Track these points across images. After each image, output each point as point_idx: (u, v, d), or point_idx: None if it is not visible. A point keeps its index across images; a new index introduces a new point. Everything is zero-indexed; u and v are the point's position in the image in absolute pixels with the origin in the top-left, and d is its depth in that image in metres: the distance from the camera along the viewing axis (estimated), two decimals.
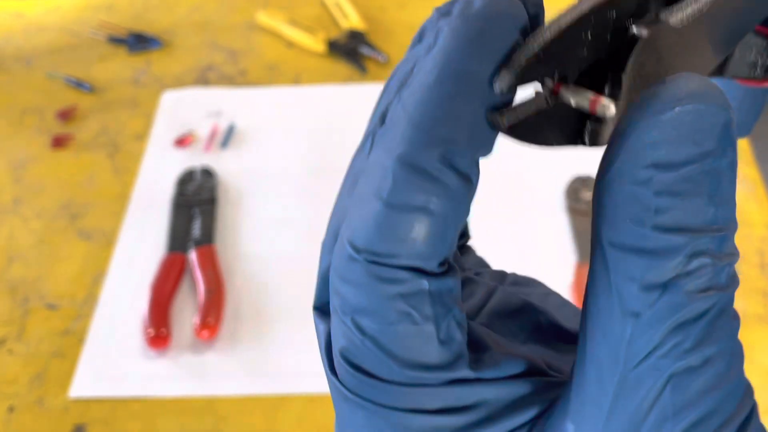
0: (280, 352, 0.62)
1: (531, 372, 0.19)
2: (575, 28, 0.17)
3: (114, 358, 0.62)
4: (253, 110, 0.84)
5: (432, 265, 0.18)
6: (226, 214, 0.73)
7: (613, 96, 0.18)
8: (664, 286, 0.16)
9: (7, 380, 0.62)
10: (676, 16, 0.19)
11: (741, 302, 0.64)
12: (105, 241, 0.71)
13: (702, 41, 0.20)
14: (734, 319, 0.18)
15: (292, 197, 0.74)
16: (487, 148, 0.18)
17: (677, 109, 0.16)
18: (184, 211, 0.72)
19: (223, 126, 0.82)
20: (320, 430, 0.58)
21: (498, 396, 0.19)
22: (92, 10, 0.99)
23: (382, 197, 0.18)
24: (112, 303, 0.66)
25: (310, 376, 0.61)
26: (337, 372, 0.19)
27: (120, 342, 0.63)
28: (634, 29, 0.18)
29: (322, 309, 0.21)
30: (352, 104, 0.84)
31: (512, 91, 0.18)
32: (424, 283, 0.18)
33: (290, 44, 0.92)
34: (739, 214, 0.70)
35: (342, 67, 0.89)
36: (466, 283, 0.22)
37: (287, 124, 0.82)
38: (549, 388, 0.19)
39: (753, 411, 0.18)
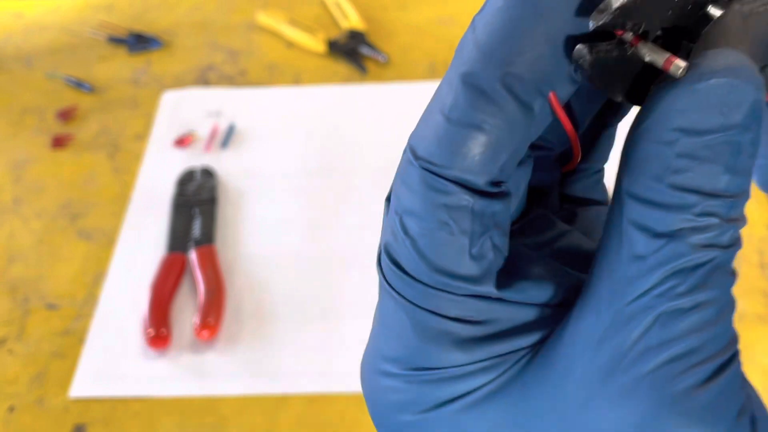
0: (281, 352, 0.62)
1: (556, 303, 0.21)
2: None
3: (114, 358, 0.62)
4: (253, 110, 0.84)
5: (480, 183, 0.19)
6: (226, 214, 0.73)
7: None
8: (671, 236, 0.18)
9: (8, 380, 0.62)
10: (747, 5, 0.19)
11: (741, 302, 0.64)
12: (105, 241, 0.71)
13: (759, 37, 0.20)
14: (730, 275, 0.19)
15: (292, 197, 0.74)
16: (553, 82, 0.19)
17: (712, 81, 0.17)
18: (185, 211, 0.72)
19: (223, 126, 0.82)
20: (321, 429, 0.58)
21: (511, 317, 0.20)
22: (92, 10, 0.99)
23: (444, 111, 0.19)
24: (113, 303, 0.66)
25: (310, 376, 0.61)
26: (381, 261, 0.21)
27: (120, 342, 0.63)
28: (711, 8, 0.19)
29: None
30: (352, 104, 0.84)
31: (603, 29, 0.18)
32: (468, 199, 0.19)
33: (290, 44, 0.92)
34: None
35: (342, 67, 0.89)
36: (542, 219, 0.24)
37: (287, 124, 0.82)
38: (562, 319, 0.20)
39: (734, 356, 0.19)
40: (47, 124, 0.84)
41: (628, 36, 0.19)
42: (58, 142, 0.81)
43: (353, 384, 0.60)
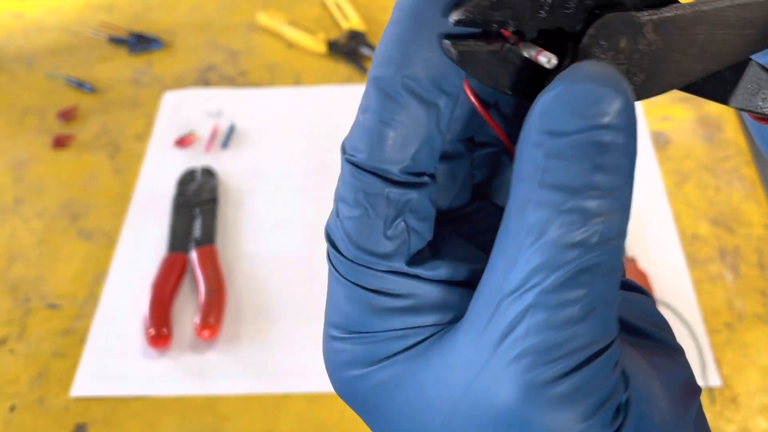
0: (281, 352, 0.62)
1: (469, 283, 0.23)
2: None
3: (115, 357, 0.63)
4: (253, 110, 0.84)
5: (394, 172, 0.22)
6: (226, 214, 0.73)
7: (569, 64, 0.21)
8: (539, 235, 0.20)
9: (9, 380, 0.62)
10: (646, 16, 0.21)
11: (740, 302, 0.64)
12: (106, 241, 0.72)
13: (682, 48, 0.22)
14: (607, 276, 0.20)
15: (292, 197, 0.75)
16: (448, 79, 0.22)
17: (575, 86, 0.19)
18: (185, 211, 0.72)
19: (223, 126, 0.82)
20: (320, 429, 0.58)
21: (426, 294, 0.23)
22: (93, 11, 0.99)
23: (362, 112, 0.23)
24: (113, 303, 0.66)
25: (310, 376, 0.61)
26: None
27: (121, 342, 0.63)
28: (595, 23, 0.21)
29: None
30: (352, 104, 0.84)
31: (463, 25, 0.20)
32: (382, 187, 0.22)
33: (291, 45, 0.93)
34: (739, 214, 0.71)
35: (342, 67, 0.89)
36: (482, 210, 0.26)
37: (288, 125, 0.82)
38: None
39: (602, 352, 0.20)
40: (48, 125, 0.84)
41: (502, 32, 0.21)
42: (59, 143, 0.81)
43: None
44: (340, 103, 0.85)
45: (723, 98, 0.24)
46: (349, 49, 0.90)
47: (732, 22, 0.22)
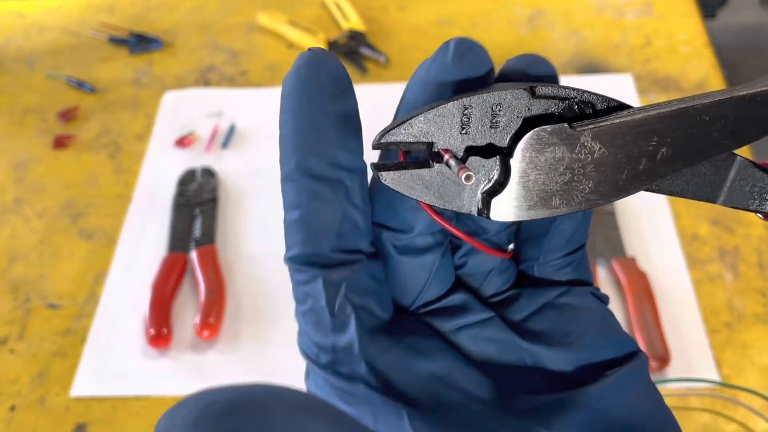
0: (281, 352, 0.62)
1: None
2: (435, 112, 0.22)
3: (115, 357, 0.63)
4: (253, 111, 0.84)
5: (325, 254, 0.23)
6: (226, 214, 0.73)
7: (501, 176, 0.22)
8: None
9: (9, 379, 0.62)
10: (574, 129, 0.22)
11: (740, 302, 0.64)
12: (106, 240, 0.72)
13: (631, 153, 0.22)
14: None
15: None
16: (343, 156, 0.23)
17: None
18: (185, 211, 0.72)
19: (224, 126, 0.82)
20: None
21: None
22: (93, 11, 0.99)
23: (284, 212, 0.25)
24: (114, 303, 0.66)
25: None
26: None
27: (121, 341, 0.64)
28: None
29: None
30: None
31: (382, 148, 0.23)
32: (317, 274, 0.23)
33: (291, 45, 0.93)
34: (738, 214, 0.71)
35: None
36: (457, 306, 0.26)
37: None
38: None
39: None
40: (48, 125, 0.84)
41: (423, 151, 0.22)
42: (60, 143, 0.81)
43: None
44: None
45: (711, 197, 0.24)
46: (349, 49, 0.90)
47: (693, 122, 0.22)
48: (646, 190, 0.23)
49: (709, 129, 0.22)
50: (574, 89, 0.22)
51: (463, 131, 0.22)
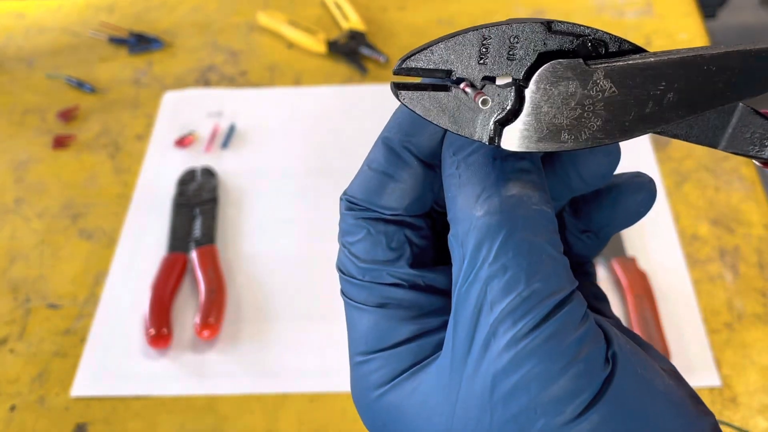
0: (281, 352, 0.62)
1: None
2: (456, 41, 0.22)
3: (115, 357, 0.63)
4: (253, 111, 0.84)
5: (386, 215, 0.26)
6: (226, 214, 0.73)
7: (514, 106, 0.23)
8: (465, 221, 0.24)
9: (9, 379, 0.62)
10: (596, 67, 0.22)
11: (740, 302, 0.64)
12: (106, 240, 0.72)
13: (640, 95, 0.23)
14: (525, 241, 0.23)
15: (292, 197, 0.75)
16: (425, 139, 0.26)
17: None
18: (185, 211, 0.72)
19: (223, 126, 0.82)
20: (320, 428, 0.58)
21: (430, 301, 0.26)
22: (93, 11, 0.99)
23: (366, 163, 0.27)
24: (114, 303, 0.66)
25: (310, 376, 0.61)
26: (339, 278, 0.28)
27: (121, 341, 0.64)
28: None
29: None
30: (352, 104, 0.84)
31: (404, 74, 0.23)
32: (378, 214, 0.26)
33: (291, 45, 0.93)
34: (738, 214, 0.71)
35: (342, 67, 0.89)
36: None
37: (288, 125, 0.82)
38: None
39: (567, 300, 0.23)
40: (48, 125, 0.84)
41: (447, 78, 0.23)
42: (60, 143, 0.81)
43: None
44: (339, 103, 0.85)
45: (712, 142, 0.24)
46: (349, 49, 0.90)
47: (700, 71, 0.22)
48: (651, 132, 0.24)
49: (715, 79, 0.22)
50: (588, 27, 0.22)
51: (481, 61, 0.22)
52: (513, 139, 0.23)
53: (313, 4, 0.98)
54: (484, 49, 0.22)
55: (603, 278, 0.65)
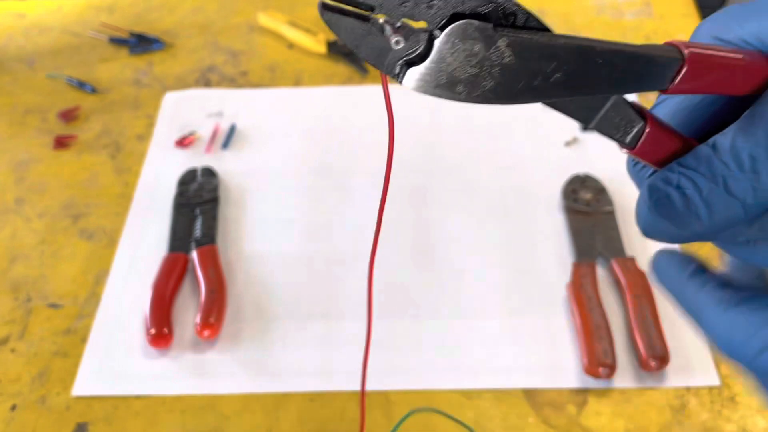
0: (281, 351, 0.63)
1: None
2: None
3: (116, 357, 0.63)
4: (254, 111, 0.84)
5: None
6: (227, 214, 0.74)
7: (423, 51, 0.25)
8: None
9: (10, 379, 0.62)
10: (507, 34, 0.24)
11: None
12: (107, 240, 0.72)
13: (533, 69, 0.25)
14: None
15: (293, 197, 0.75)
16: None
17: None
18: (186, 211, 0.73)
19: (224, 127, 0.82)
20: (321, 427, 0.58)
21: None
22: (94, 11, 0.99)
23: None
24: (114, 302, 0.67)
25: (310, 375, 0.61)
26: None
27: (122, 341, 0.64)
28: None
29: None
30: (352, 105, 0.84)
31: (329, 7, 0.25)
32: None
33: (291, 45, 0.93)
34: None
35: (342, 68, 0.89)
36: None
37: (288, 125, 0.83)
38: None
39: None
40: (49, 125, 0.84)
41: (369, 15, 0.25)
42: (60, 143, 0.82)
43: (353, 382, 0.60)
44: (340, 104, 0.85)
45: (585, 120, 0.27)
46: (349, 50, 0.90)
47: (588, 60, 0.25)
48: (535, 102, 0.26)
49: (599, 71, 0.25)
50: (507, 2, 0.25)
51: (403, 4, 0.24)
52: (413, 80, 0.25)
53: (313, 4, 0.98)
54: None
55: (602, 278, 0.66)
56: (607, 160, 0.74)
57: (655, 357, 0.58)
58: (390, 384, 0.60)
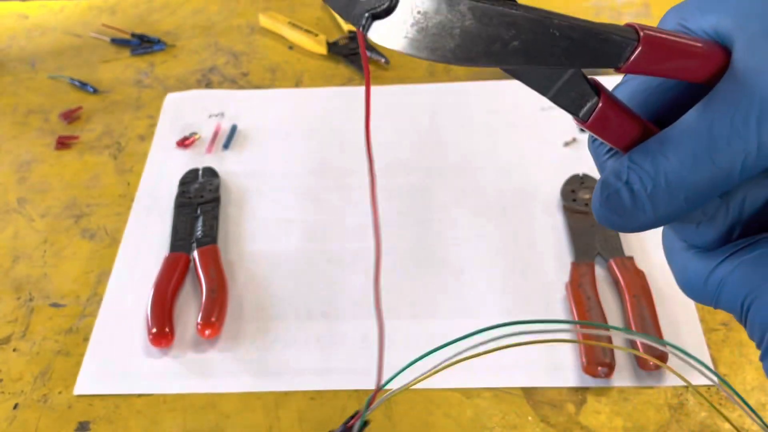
0: (282, 350, 0.63)
1: None
2: None
3: (118, 356, 0.63)
4: (255, 112, 0.85)
5: None
6: (228, 214, 0.74)
7: (390, 6, 0.25)
8: None
9: (12, 378, 0.63)
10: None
11: None
12: (109, 240, 0.72)
13: (491, 37, 0.25)
14: None
15: (293, 197, 0.75)
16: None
17: None
18: (187, 211, 0.73)
19: (225, 127, 0.83)
20: (321, 426, 0.59)
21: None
22: (95, 12, 1.00)
23: None
24: (116, 302, 0.67)
25: (311, 374, 0.61)
26: None
27: (124, 340, 0.64)
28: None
29: None
30: (353, 106, 0.85)
31: None
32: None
33: (292, 46, 0.93)
34: None
35: (343, 69, 0.90)
36: None
37: (289, 126, 0.83)
38: None
39: None
40: (51, 125, 0.85)
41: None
42: (62, 143, 0.82)
43: (353, 380, 0.60)
44: (340, 105, 0.85)
45: (543, 90, 0.28)
46: (349, 51, 0.90)
47: (546, 32, 0.25)
48: (493, 66, 0.27)
49: (555, 43, 0.25)
50: None
51: None
52: (378, 34, 0.26)
53: (314, 5, 0.99)
54: None
55: (601, 277, 0.66)
56: None
57: (653, 356, 0.59)
58: (390, 383, 0.60)
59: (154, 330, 0.63)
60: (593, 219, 0.69)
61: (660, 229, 0.71)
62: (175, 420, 0.59)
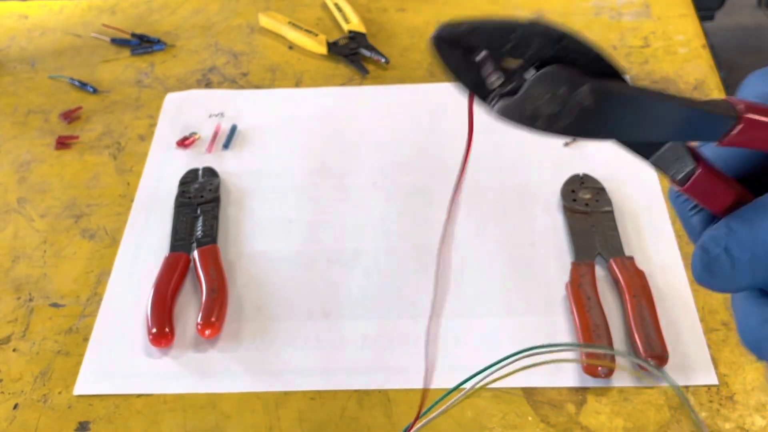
0: (282, 350, 0.63)
1: None
2: (495, 23, 0.27)
3: (118, 356, 0.63)
4: (255, 112, 0.85)
5: None
6: (228, 213, 0.74)
7: (516, 86, 0.28)
8: None
9: (12, 378, 0.63)
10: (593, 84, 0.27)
11: None
12: (109, 240, 0.72)
13: (608, 115, 0.27)
14: None
15: (293, 197, 0.75)
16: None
17: None
18: (187, 211, 0.73)
19: (225, 127, 0.83)
20: (322, 426, 0.59)
21: None
22: (96, 13, 1.00)
23: None
24: (116, 302, 0.67)
25: (311, 374, 0.61)
26: None
27: (124, 340, 0.64)
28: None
29: None
30: (353, 106, 0.85)
31: (440, 39, 0.28)
32: None
33: (292, 46, 0.93)
34: None
35: (343, 68, 0.90)
36: None
37: (289, 126, 0.83)
38: None
39: None
40: (51, 125, 0.85)
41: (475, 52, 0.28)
42: (62, 143, 0.82)
43: (353, 380, 0.60)
44: (340, 104, 0.85)
45: (644, 155, 0.30)
46: (349, 51, 0.90)
47: (656, 111, 0.27)
48: (603, 140, 0.29)
49: (662, 121, 0.28)
50: (593, 50, 0.27)
51: (503, 47, 0.27)
52: (502, 110, 0.28)
53: (314, 5, 0.99)
54: (512, 36, 0.27)
55: (601, 277, 0.66)
56: (605, 161, 0.74)
57: (653, 356, 0.59)
58: (390, 383, 0.61)
59: (154, 330, 0.63)
60: (593, 219, 0.69)
61: (660, 226, 0.71)
62: (175, 420, 0.59)
